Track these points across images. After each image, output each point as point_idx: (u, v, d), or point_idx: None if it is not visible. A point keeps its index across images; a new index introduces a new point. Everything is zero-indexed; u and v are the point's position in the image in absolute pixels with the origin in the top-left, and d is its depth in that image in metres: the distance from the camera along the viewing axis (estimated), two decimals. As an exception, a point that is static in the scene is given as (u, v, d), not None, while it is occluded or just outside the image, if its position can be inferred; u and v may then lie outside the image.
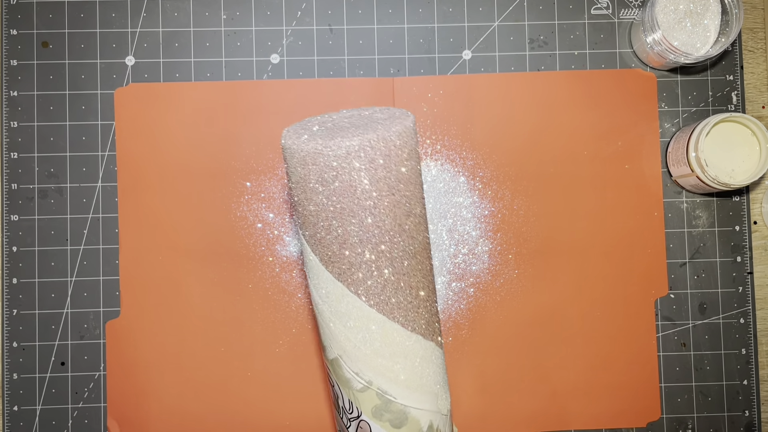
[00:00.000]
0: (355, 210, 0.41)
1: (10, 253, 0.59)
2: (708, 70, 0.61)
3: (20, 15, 0.60)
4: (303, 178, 0.42)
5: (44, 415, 0.59)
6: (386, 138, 0.41)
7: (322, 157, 0.40)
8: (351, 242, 0.42)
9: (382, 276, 0.42)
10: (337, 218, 0.41)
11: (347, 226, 0.41)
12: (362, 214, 0.41)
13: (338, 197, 0.41)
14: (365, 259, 0.42)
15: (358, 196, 0.41)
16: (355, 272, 0.42)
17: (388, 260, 0.42)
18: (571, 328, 0.60)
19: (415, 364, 0.44)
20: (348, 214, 0.41)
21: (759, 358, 0.61)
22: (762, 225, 0.61)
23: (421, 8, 0.61)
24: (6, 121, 0.60)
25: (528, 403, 0.60)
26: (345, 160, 0.40)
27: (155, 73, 0.60)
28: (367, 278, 0.42)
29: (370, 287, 0.42)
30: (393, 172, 0.41)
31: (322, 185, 0.41)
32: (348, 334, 0.43)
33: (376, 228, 0.41)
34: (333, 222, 0.41)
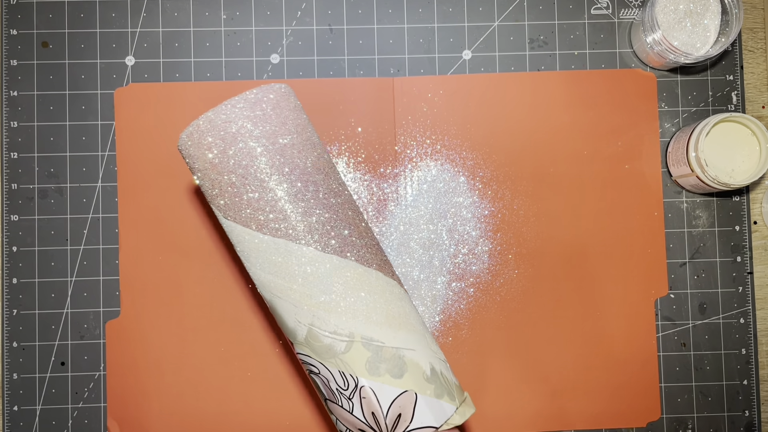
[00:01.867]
0: (255, 168, 0.43)
1: (10, 253, 0.59)
2: (708, 70, 0.61)
3: (20, 15, 0.60)
4: (219, 168, 0.43)
5: (44, 415, 0.59)
6: (264, 98, 0.44)
7: (215, 127, 0.43)
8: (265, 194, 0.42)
9: (311, 216, 0.43)
10: (242, 180, 0.43)
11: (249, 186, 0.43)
12: (264, 168, 0.43)
13: (237, 160, 0.43)
14: (267, 197, 0.42)
15: (253, 156, 0.43)
16: (267, 214, 0.43)
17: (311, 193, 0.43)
18: (571, 328, 0.60)
19: (387, 299, 0.43)
20: (249, 172, 0.43)
21: (759, 358, 0.61)
22: (762, 225, 0.61)
23: (421, 8, 0.61)
24: (6, 121, 0.60)
25: (528, 403, 0.60)
26: (235, 124, 0.43)
27: (155, 73, 0.60)
28: (296, 219, 0.42)
29: (303, 228, 0.42)
30: (279, 120, 0.44)
31: (220, 154, 0.43)
32: (309, 291, 0.42)
33: (282, 176, 0.43)
34: (245, 186, 0.43)
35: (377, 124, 0.60)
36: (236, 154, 0.43)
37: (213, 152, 0.43)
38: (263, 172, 0.43)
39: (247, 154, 0.43)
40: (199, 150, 0.44)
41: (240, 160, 0.43)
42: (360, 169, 0.60)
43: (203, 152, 0.43)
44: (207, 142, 0.43)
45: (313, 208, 0.43)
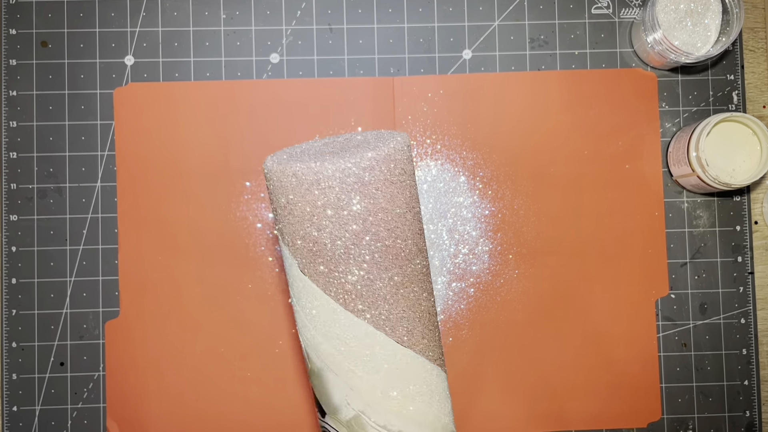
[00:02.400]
0: (340, 229, 0.38)
1: (9, 253, 0.59)
2: (709, 69, 0.61)
3: (19, 14, 0.60)
4: (282, 204, 0.39)
5: (43, 416, 0.59)
6: (359, 164, 0.38)
7: (313, 180, 0.38)
8: (327, 250, 0.39)
9: (358, 271, 0.39)
10: (329, 238, 0.38)
11: (336, 240, 0.39)
12: (350, 234, 0.38)
13: (330, 219, 0.38)
14: (337, 253, 0.39)
15: (346, 218, 0.38)
16: (318, 266, 0.39)
17: (356, 260, 0.39)
18: (572, 328, 0.60)
19: (443, 402, 0.40)
20: (338, 232, 0.38)
21: (760, 358, 0.60)
22: (763, 225, 0.61)
23: (421, 8, 0.61)
24: (5, 121, 0.60)
25: (528, 404, 0.59)
26: (337, 182, 0.38)
27: (155, 72, 0.60)
28: (331, 271, 0.39)
29: (332, 281, 0.39)
30: (386, 193, 0.39)
31: (310, 205, 0.38)
32: (379, 385, 0.39)
33: (366, 249, 0.38)
34: (326, 242, 0.39)
35: (377, 123, 0.60)
36: (348, 219, 0.38)
37: (321, 203, 0.38)
38: (369, 248, 0.39)
39: (360, 221, 0.38)
40: (304, 196, 0.38)
41: (349, 225, 0.38)
42: (360, 169, 0.60)
43: (309, 199, 0.38)
44: (317, 191, 0.38)
45: (406, 297, 0.40)
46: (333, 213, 0.38)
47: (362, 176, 0.38)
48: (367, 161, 0.38)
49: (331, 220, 0.38)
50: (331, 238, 0.39)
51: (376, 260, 0.39)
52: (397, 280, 0.39)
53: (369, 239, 0.39)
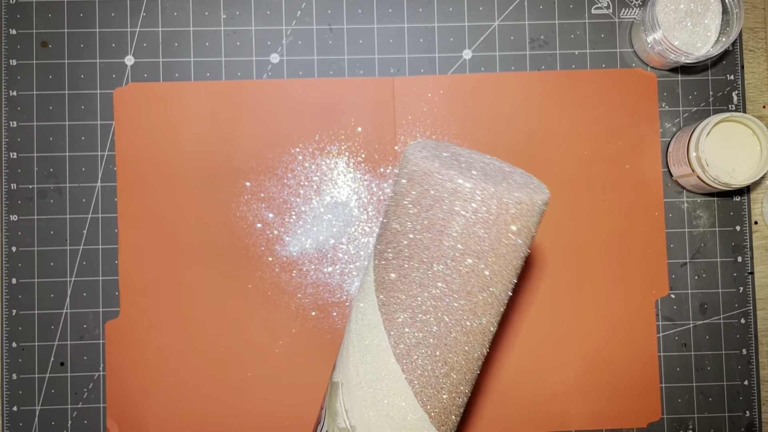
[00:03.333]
0: (431, 251, 0.36)
1: (9, 253, 0.59)
2: (709, 69, 0.61)
3: (19, 14, 0.60)
4: (402, 191, 0.37)
5: (43, 416, 0.59)
6: (502, 198, 0.35)
7: (428, 180, 0.36)
8: (410, 279, 0.36)
9: (423, 330, 0.37)
10: (410, 248, 0.36)
11: (414, 263, 0.36)
12: (437, 258, 0.36)
13: (423, 229, 0.36)
14: (415, 304, 0.36)
15: (442, 240, 0.36)
16: (399, 314, 0.37)
17: (437, 319, 0.36)
18: (572, 328, 0.60)
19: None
20: (422, 250, 0.36)
21: (760, 358, 0.60)
22: (763, 225, 0.61)
23: (421, 8, 0.61)
24: (5, 121, 0.60)
25: (528, 404, 0.59)
26: (449, 196, 0.35)
27: (155, 72, 0.60)
28: (406, 325, 0.37)
29: (405, 335, 0.37)
30: (492, 236, 0.36)
31: (415, 207, 0.36)
32: (360, 368, 0.38)
33: (442, 281, 0.36)
34: (404, 250, 0.37)
35: (377, 123, 0.60)
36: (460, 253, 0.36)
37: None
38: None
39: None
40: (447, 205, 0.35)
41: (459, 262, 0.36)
42: (360, 169, 0.60)
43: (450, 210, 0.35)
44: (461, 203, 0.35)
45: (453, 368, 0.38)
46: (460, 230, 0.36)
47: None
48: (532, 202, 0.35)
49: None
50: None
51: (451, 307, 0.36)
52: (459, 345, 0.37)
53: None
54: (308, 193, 0.60)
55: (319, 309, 0.59)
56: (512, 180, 0.37)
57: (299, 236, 0.59)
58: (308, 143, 0.60)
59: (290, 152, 0.60)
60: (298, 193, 0.60)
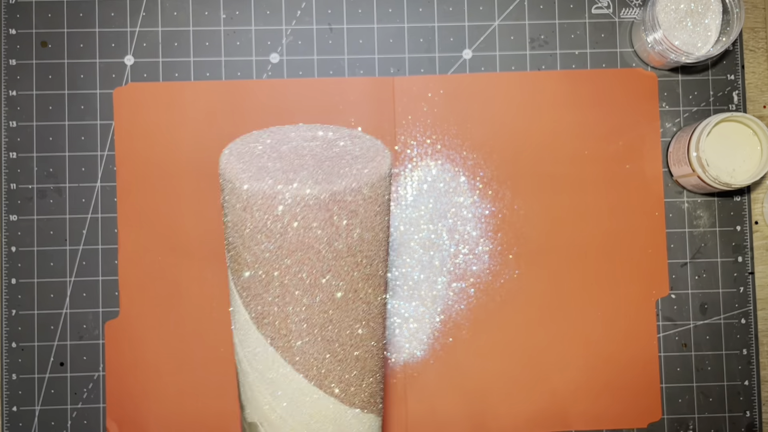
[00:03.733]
0: (303, 270, 0.34)
1: (8, 253, 0.59)
2: (709, 69, 0.61)
3: (19, 14, 0.60)
4: (241, 220, 0.34)
5: (43, 416, 0.59)
6: (354, 190, 0.33)
7: (268, 201, 0.33)
8: (293, 306, 0.35)
9: (325, 346, 0.36)
10: (278, 277, 0.34)
11: (290, 287, 0.34)
12: (311, 276, 0.34)
13: (285, 253, 0.34)
14: (307, 326, 0.35)
15: (309, 255, 0.34)
16: (294, 340, 0.35)
17: (335, 329, 0.36)
18: (572, 328, 0.60)
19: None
20: (294, 273, 0.34)
21: (760, 358, 0.60)
22: (763, 225, 0.61)
23: (421, 7, 0.61)
24: (5, 121, 0.60)
25: (528, 404, 0.59)
26: (297, 209, 0.33)
27: (154, 72, 0.60)
28: (308, 348, 0.35)
29: (309, 357, 0.36)
30: (357, 231, 0.34)
31: (265, 236, 0.34)
32: (274, 404, 0.37)
33: (325, 293, 0.35)
34: (274, 281, 0.34)
35: (377, 123, 0.60)
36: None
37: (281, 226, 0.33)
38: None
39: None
40: (262, 210, 0.33)
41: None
42: (360, 169, 0.60)
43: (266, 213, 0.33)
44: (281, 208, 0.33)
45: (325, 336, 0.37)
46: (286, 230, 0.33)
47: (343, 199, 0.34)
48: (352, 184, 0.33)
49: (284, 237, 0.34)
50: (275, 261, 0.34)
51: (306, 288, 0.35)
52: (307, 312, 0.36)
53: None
54: (308, 193, 0.60)
55: (319, 309, 0.59)
56: (349, 153, 0.35)
57: (299, 236, 0.59)
58: (308, 143, 0.60)
59: (290, 152, 0.60)
60: (298, 193, 0.59)
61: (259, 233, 0.34)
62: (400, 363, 0.59)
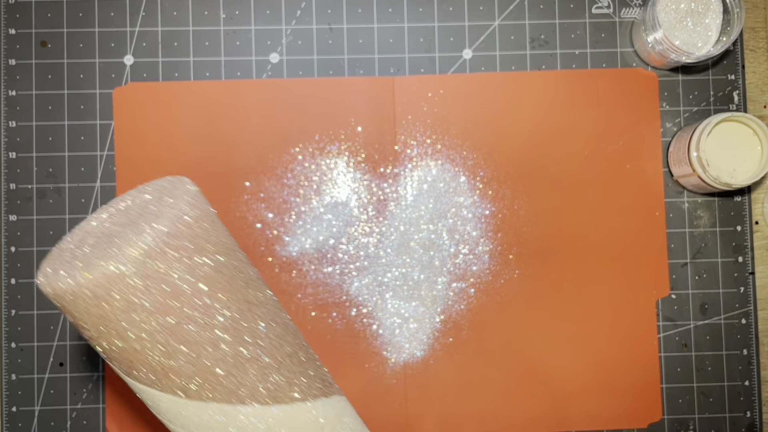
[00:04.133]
0: (190, 316, 0.36)
1: (8, 254, 0.59)
2: (709, 69, 0.61)
3: (18, 14, 0.60)
4: (105, 317, 0.36)
5: (43, 416, 0.59)
6: (179, 218, 0.36)
7: (118, 280, 0.35)
8: (206, 354, 0.36)
9: (261, 366, 0.37)
10: (174, 338, 0.36)
11: (191, 339, 0.36)
12: (201, 317, 0.36)
13: (162, 314, 0.35)
14: (233, 361, 0.36)
15: (186, 299, 0.36)
16: (232, 382, 0.37)
17: (253, 345, 0.37)
18: (572, 328, 0.60)
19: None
20: (185, 324, 0.36)
21: (761, 358, 0.60)
22: (764, 225, 0.61)
23: (421, 7, 0.61)
24: (4, 121, 0.60)
25: (528, 404, 0.59)
26: (145, 268, 0.35)
27: (154, 72, 0.60)
28: (244, 378, 0.37)
29: (254, 384, 0.37)
30: (207, 249, 0.37)
31: (135, 312, 0.35)
32: None
33: (225, 321, 0.37)
34: (172, 344, 0.36)
35: (377, 123, 0.60)
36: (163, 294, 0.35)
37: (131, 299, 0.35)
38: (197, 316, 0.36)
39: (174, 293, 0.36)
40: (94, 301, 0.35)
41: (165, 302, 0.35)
42: (360, 169, 0.60)
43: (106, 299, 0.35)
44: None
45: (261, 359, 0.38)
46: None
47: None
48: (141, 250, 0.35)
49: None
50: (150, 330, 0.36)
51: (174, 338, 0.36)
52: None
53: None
54: (308, 193, 0.60)
55: (319, 309, 0.59)
56: (148, 203, 0.38)
57: (299, 236, 0.59)
58: (308, 143, 0.60)
59: (290, 152, 0.60)
60: (297, 193, 0.59)
61: (126, 313, 0.35)
62: (400, 363, 0.59)
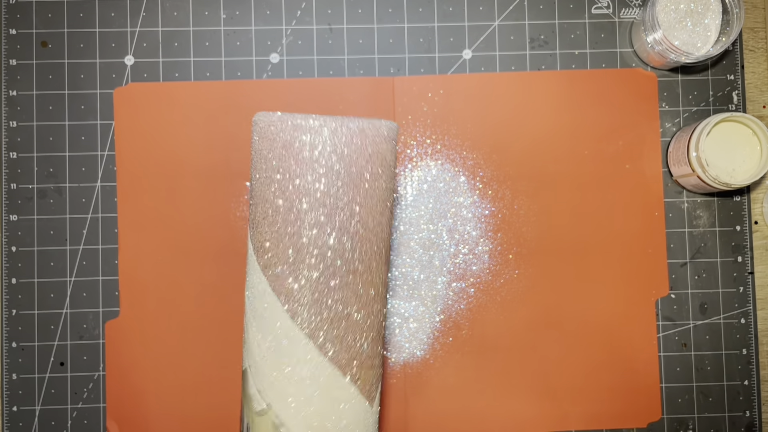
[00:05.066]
0: (308, 188, 0.38)
1: (9, 253, 0.59)
2: (709, 69, 0.61)
3: (19, 14, 0.60)
4: (280, 159, 0.39)
5: (43, 416, 0.59)
6: (378, 128, 0.39)
7: (310, 133, 0.38)
8: (283, 237, 0.37)
9: (311, 281, 0.37)
10: (289, 199, 0.37)
11: (296, 220, 0.37)
12: (316, 202, 0.38)
13: (291, 178, 0.38)
14: (295, 259, 0.37)
15: (349, 186, 0.38)
16: (286, 277, 0.37)
17: (342, 286, 0.37)
18: (572, 328, 0.60)
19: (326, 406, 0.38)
20: (301, 195, 0.37)
21: (760, 358, 0.60)
22: (763, 225, 0.61)
23: (421, 7, 0.61)
24: (5, 121, 0.60)
25: (528, 404, 0.59)
26: (333, 140, 0.38)
27: (154, 72, 0.60)
28: (294, 282, 0.37)
29: (293, 292, 0.37)
30: (382, 181, 0.39)
31: (301, 167, 0.38)
32: (259, 339, 0.38)
33: (317, 228, 0.37)
34: (298, 216, 0.37)
35: (377, 123, 0.60)
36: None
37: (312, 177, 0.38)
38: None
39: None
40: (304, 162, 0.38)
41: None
42: (360, 169, 0.60)
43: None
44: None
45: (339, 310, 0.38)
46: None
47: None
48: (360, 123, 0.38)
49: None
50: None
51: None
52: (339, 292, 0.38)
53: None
54: (308, 193, 0.60)
55: (319, 309, 0.59)
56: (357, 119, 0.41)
57: (299, 236, 0.59)
58: (308, 143, 0.60)
59: (290, 152, 0.60)
60: (298, 193, 0.59)
61: (298, 164, 0.38)
62: (400, 363, 0.59)
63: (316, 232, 0.37)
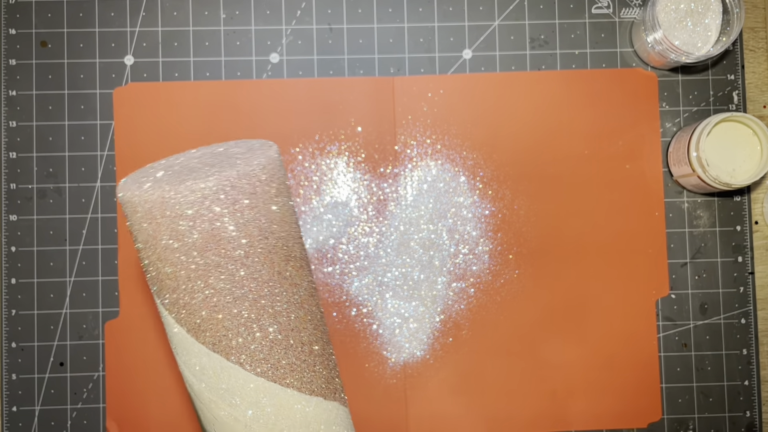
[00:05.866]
0: (222, 263, 0.35)
1: (8, 253, 0.59)
2: (709, 69, 0.61)
3: (19, 14, 0.60)
4: (152, 235, 0.36)
5: (43, 416, 0.59)
6: (249, 173, 0.36)
7: (171, 207, 0.35)
8: (223, 303, 0.36)
9: (266, 336, 0.36)
10: (201, 277, 0.35)
11: (216, 285, 0.35)
12: (232, 267, 0.35)
13: (199, 252, 0.35)
14: (243, 320, 0.36)
15: (224, 246, 0.35)
16: (234, 337, 0.36)
17: (271, 316, 0.36)
18: (572, 328, 0.60)
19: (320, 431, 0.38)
20: (214, 269, 0.35)
21: (760, 358, 0.60)
22: (763, 225, 0.61)
23: (421, 7, 0.61)
24: (5, 121, 0.60)
25: (528, 404, 0.59)
26: (202, 206, 0.35)
27: (154, 72, 0.60)
28: (249, 342, 0.36)
29: (254, 352, 0.36)
30: (262, 212, 0.36)
31: (178, 240, 0.35)
32: (236, 415, 0.37)
33: (251, 281, 0.36)
34: (197, 282, 0.36)
35: (377, 123, 0.60)
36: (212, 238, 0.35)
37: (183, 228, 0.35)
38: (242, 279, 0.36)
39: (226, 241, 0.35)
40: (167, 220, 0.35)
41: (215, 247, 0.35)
42: (360, 169, 0.60)
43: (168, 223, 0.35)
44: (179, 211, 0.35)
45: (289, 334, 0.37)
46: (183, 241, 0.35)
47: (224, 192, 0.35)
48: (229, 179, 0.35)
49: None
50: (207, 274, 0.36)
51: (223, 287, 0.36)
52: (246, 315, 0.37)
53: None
54: (308, 193, 0.60)
55: (319, 309, 0.59)
56: (236, 153, 0.38)
57: (299, 236, 0.59)
58: (308, 143, 0.60)
59: (290, 152, 0.60)
60: (297, 193, 0.60)
61: (171, 239, 0.35)
62: (400, 363, 0.59)
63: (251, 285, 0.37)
